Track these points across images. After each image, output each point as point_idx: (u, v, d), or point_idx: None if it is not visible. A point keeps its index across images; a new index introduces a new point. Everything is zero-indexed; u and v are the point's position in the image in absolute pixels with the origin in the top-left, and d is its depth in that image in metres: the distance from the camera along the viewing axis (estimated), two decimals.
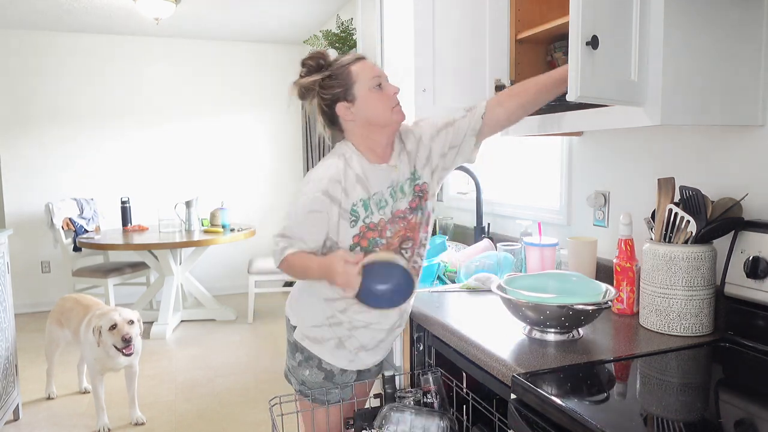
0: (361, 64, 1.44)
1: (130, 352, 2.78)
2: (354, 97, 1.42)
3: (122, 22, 4.77)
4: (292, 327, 1.59)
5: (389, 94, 1.44)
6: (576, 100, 1.17)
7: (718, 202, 1.36)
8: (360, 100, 1.42)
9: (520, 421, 1.10)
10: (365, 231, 1.43)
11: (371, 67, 1.45)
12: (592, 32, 1.16)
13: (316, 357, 1.55)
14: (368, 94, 1.42)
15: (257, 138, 5.74)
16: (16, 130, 5.03)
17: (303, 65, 1.47)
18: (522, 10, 1.75)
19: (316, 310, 1.53)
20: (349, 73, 1.42)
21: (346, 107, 1.43)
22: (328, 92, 1.44)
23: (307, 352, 1.55)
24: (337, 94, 1.43)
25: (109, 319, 2.76)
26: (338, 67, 1.44)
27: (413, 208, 1.50)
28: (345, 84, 1.42)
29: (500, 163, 2.61)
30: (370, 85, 1.42)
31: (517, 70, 1.77)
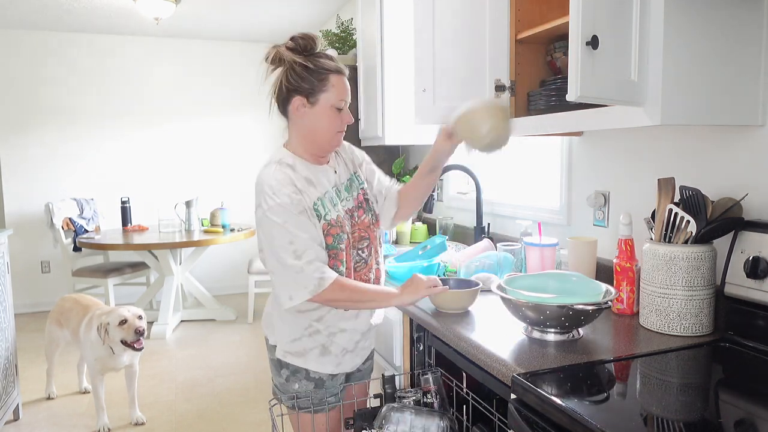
0: (340, 78, 1.44)
1: (141, 346, 2.79)
2: (316, 102, 1.43)
3: (122, 22, 4.77)
4: (272, 346, 1.56)
5: (344, 118, 1.47)
6: (576, 100, 1.17)
7: (718, 202, 1.36)
8: (318, 108, 1.43)
9: (520, 421, 1.10)
10: (328, 228, 1.44)
11: (345, 87, 1.45)
12: (592, 32, 1.15)
13: (302, 369, 1.52)
14: (328, 108, 1.43)
15: (257, 138, 5.74)
16: (16, 130, 5.03)
17: (292, 39, 1.44)
18: (522, 10, 1.75)
19: (292, 325, 1.51)
20: (326, 78, 1.41)
21: (302, 104, 1.43)
22: (296, 79, 1.42)
23: (292, 366, 1.52)
24: (303, 88, 1.42)
25: (118, 315, 2.77)
26: (320, 67, 1.42)
27: (363, 208, 1.55)
28: (315, 85, 1.41)
29: (500, 163, 2.61)
30: (335, 102, 1.43)
31: (517, 70, 1.77)
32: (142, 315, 2.85)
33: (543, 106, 1.67)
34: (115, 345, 2.78)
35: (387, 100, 2.90)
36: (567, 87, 1.19)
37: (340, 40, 3.65)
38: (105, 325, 2.76)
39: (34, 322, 4.89)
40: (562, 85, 1.60)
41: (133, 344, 2.78)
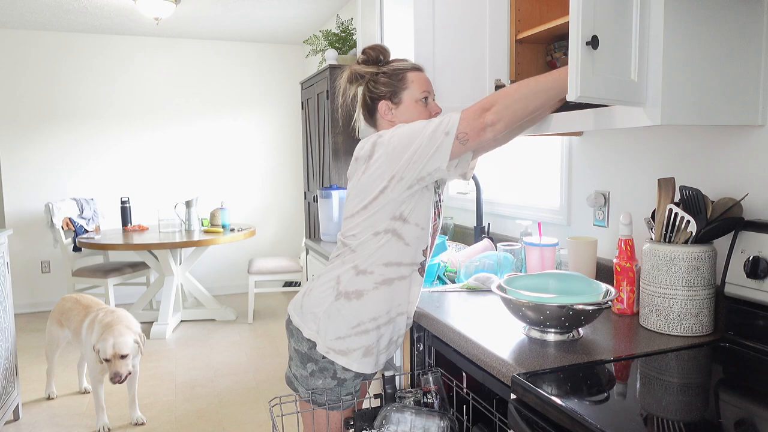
0: (418, 74, 1.50)
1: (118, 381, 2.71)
2: (400, 101, 1.49)
3: (122, 22, 4.77)
4: (306, 339, 1.51)
5: (431, 111, 1.51)
6: (576, 100, 1.17)
7: (718, 202, 1.36)
8: (403, 106, 1.49)
9: (520, 421, 1.10)
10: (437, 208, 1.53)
11: (425, 81, 1.51)
12: (592, 32, 1.16)
13: (332, 368, 1.50)
14: (413, 104, 1.49)
15: (257, 138, 5.74)
16: (15, 130, 5.03)
17: (363, 53, 1.53)
18: (522, 10, 1.75)
19: (340, 322, 1.47)
20: (404, 77, 1.48)
21: (388, 107, 1.50)
22: (377, 87, 1.50)
23: (324, 362, 1.49)
24: (385, 92, 1.49)
25: (103, 350, 2.70)
26: (395, 69, 1.49)
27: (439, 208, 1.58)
28: (396, 86, 1.48)
29: (500, 163, 2.61)
30: (418, 96, 1.49)
31: (517, 70, 1.77)
32: (126, 353, 2.70)
33: None
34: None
35: None
36: None
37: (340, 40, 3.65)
38: (97, 350, 2.74)
39: (34, 322, 4.89)
40: None
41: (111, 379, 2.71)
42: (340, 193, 2.96)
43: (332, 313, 1.47)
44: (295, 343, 1.56)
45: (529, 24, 1.74)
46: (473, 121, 1.34)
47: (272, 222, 5.87)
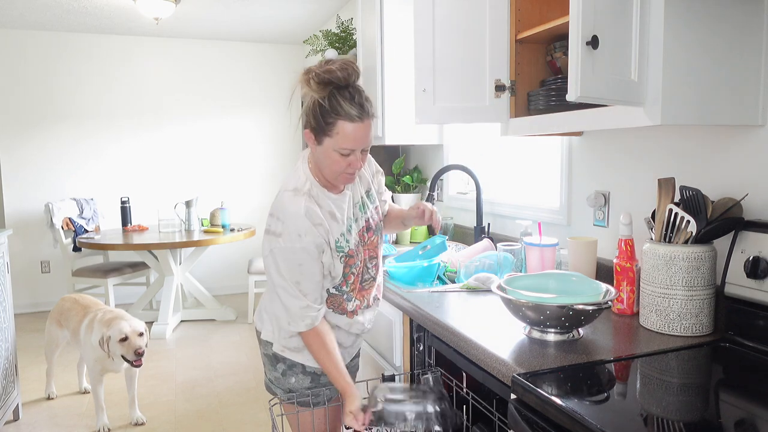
0: (352, 126, 1.36)
1: (139, 364, 2.77)
2: (321, 143, 1.39)
3: (122, 22, 4.77)
4: (267, 342, 1.58)
5: (350, 162, 1.40)
6: (576, 100, 1.17)
7: (718, 202, 1.36)
8: (322, 149, 1.40)
9: (520, 421, 1.10)
10: (347, 259, 1.49)
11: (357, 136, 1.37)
12: (592, 32, 1.16)
13: (299, 364, 1.56)
14: (331, 152, 1.39)
15: (257, 137, 5.74)
16: (15, 130, 5.03)
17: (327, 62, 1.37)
18: (522, 10, 1.75)
19: None
20: (333, 123, 1.35)
21: (311, 140, 1.42)
22: (309, 113, 1.40)
23: (289, 361, 1.56)
24: (311, 124, 1.40)
25: (119, 330, 2.73)
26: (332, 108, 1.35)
27: (372, 229, 1.58)
28: (322, 127, 1.37)
29: (500, 163, 2.61)
30: (338, 149, 1.38)
31: (517, 70, 1.77)
32: (143, 331, 2.80)
33: (543, 106, 1.67)
34: (117, 358, 2.78)
35: (387, 100, 2.90)
36: (567, 87, 1.20)
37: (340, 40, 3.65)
38: (107, 339, 2.74)
39: (34, 322, 4.88)
40: (562, 85, 1.60)
41: (132, 362, 2.76)
42: None
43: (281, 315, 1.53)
44: (263, 348, 1.62)
45: (529, 24, 1.74)
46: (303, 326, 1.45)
47: None
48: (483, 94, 1.80)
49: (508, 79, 1.78)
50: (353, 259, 1.50)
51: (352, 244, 1.49)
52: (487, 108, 1.80)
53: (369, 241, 1.56)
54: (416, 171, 3.20)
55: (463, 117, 1.81)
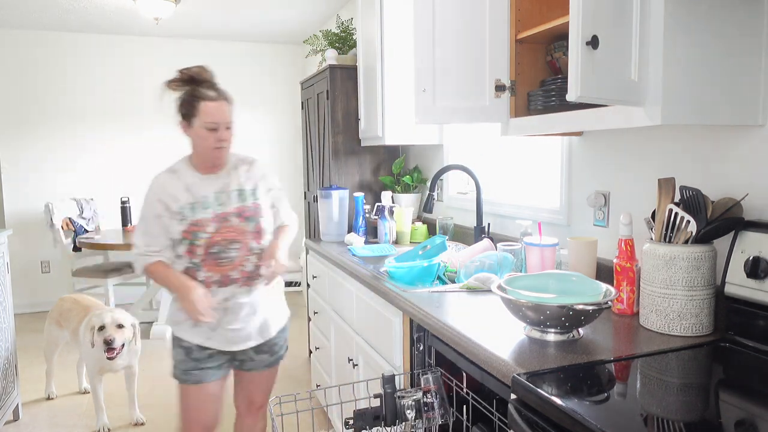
0: (212, 105, 1.75)
1: (111, 356, 2.74)
2: (192, 125, 1.77)
3: (122, 21, 4.77)
4: None
5: (219, 137, 1.78)
6: (576, 100, 1.17)
7: (718, 202, 1.36)
8: (194, 131, 1.78)
9: (520, 421, 1.10)
10: (189, 227, 1.78)
11: (218, 112, 1.76)
12: (592, 32, 1.16)
13: (176, 337, 1.85)
14: (200, 130, 1.76)
15: (257, 137, 5.74)
16: (15, 130, 5.03)
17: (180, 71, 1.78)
18: (522, 10, 1.75)
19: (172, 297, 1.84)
20: (197, 105, 1.74)
21: (185, 127, 1.80)
22: (180, 108, 1.78)
23: (173, 336, 1.85)
24: (184, 114, 1.78)
25: (100, 319, 2.75)
26: (194, 95, 1.74)
27: (244, 216, 1.84)
28: (190, 111, 1.76)
29: (500, 163, 2.61)
30: (205, 125, 1.75)
31: (517, 70, 1.77)
32: (123, 324, 2.78)
33: (543, 106, 1.67)
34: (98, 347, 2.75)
35: (387, 100, 2.89)
36: (567, 87, 1.20)
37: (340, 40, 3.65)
38: (92, 328, 2.75)
39: (34, 322, 4.88)
40: (562, 85, 1.60)
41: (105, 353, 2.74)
42: (340, 193, 2.96)
43: None
44: None
45: (529, 24, 1.74)
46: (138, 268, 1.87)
47: None
48: (483, 94, 1.80)
49: (508, 79, 1.78)
50: (195, 227, 1.78)
51: (198, 215, 1.78)
52: (487, 108, 1.80)
53: (233, 225, 1.81)
54: (416, 171, 3.20)
55: (463, 117, 1.81)
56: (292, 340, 4.24)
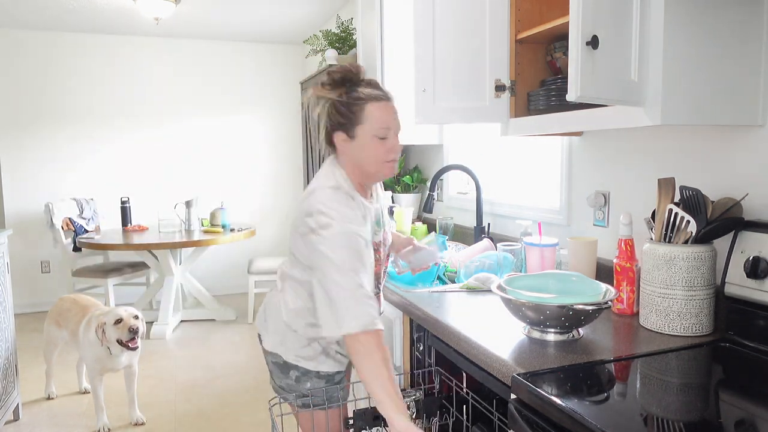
0: (380, 106, 1.38)
1: (135, 345, 2.80)
2: (355, 136, 1.39)
3: (122, 22, 4.77)
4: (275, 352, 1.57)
5: (390, 146, 1.41)
6: (576, 100, 1.17)
7: (718, 202, 1.36)
8: (358, 141, 1.39)
9: (520, 421, 1.10)
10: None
11: (386, 114, 1.39)
12: (592, 32, 1.16)
13: (313, 371, 1.55)
14: (370, 140, 1.39)
15: (257, 138, 5.74)
16: (16, 130, 5.03)
17: (328, 73, 1.42)
18: (522, 10, 1.75)
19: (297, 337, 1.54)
20: (361, 110, 1.38)
21: (344, 140, 1.41)
22: (335, 117, 1.40)
23: (302, 368, 1.55)
24: (341, 124, 1.40)
25: (114, 314, 2.79)
26: (356, 98, 1.38)
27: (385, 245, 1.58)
28: (352, 119, 1.38)
29: (500, 163, 2.61)
30: (375, 132, 1.38)
31: (517, 70, 1.77)
32: (138, 315, 2.86)
33: (543, 106, 1.67)
34: (113, 345, 2.79)
35: None
36: (567, 87, 1.20)
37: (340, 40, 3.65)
38: (102, 324, 2.76)
39: (34, 322, 4.88)
40: (562, 85, 1.60)
41: (127, 343, 2.78)
42: None
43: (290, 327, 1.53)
44: (269, 357, 1.60)
45: (529, 24, 1.74)
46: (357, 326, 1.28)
47: (272, 222, 5.87)
48: (483, 94, 1.80)
49: (508, 79, 1.78)
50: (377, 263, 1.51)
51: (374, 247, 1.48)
52: (487, 108, 1.80)
53: (383, 256, 1.56)
54: (416, 171, 3.20)
55: (463, 117, 1.81)
56: None
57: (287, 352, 1.55)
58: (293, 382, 1.57)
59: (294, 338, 1.54)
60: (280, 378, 1.59)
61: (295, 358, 1.55)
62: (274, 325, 1.57)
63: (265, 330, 1.61)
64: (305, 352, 1.54)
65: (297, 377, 1.56)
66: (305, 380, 1.56)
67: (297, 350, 1.55)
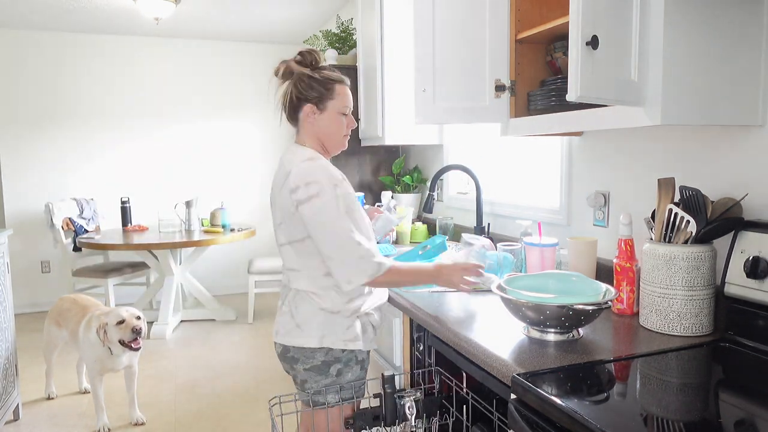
0: (344, 88, 1.60)
1: (138, 345, 2.80)
2: (324, 109, 1.58)
3: (122, 22, 4.77)
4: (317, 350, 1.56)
5: (349, 122, 1.62)
6: (576, 100, 1.17)
7: (718, 202, 1.36)
8: (327, 114, 1.58)
9: (520, 421, 1.10)
10: None
11: (349, 96, 1.62)
12: (592, 32, 1.16)
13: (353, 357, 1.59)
14: (335, 115, 1.59)
15: (257, 137, 5.74)
16: (16, 130, 5.03)
17: (300, 54, 1.61)
18: (522, 10, 1.75)
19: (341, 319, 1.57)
20: (332, 87, 1.57)
21: (312, 111, 1.58)
22: (306, 90, 1.57)
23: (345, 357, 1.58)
24: (312, 96, 1.57)
25: (116, 315, 2.79)
26: (326, 77, 1.57)
27: None
28: (324, 94, 1.57)
29: (500, 163, 2.61)
30: (341, 109, 1.59)
31: (517, 70, 1.77)
32: (140, 315, 2.86)
33: (543, 106, 1.67)
34: (114, 345, 2.79)
35: (387, 100, 2.89)
36: (567, 87, 1.20)
37: (340, 40, 3.65)
38: (104, 325, 2.76)
39: (34, 322, 4.88)
40: (562, 85, 1.60)
41: (130, 344, 2.78)
42: None
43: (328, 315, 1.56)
44: (304, 364, 1.59)
45: (529, 24, 1.74)
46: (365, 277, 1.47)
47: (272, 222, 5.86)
48: (483, 94, 1.80)
49: (508, 79, 1.78)
50: None
51: None
52: (487, 108, 1.80)
53: None
54: (416, 171, 3.20)
55: (463, 117, 1.81)
56: None
57: (335, 341, 1.56)
58: (335, 377, 1.58)
59: (338, 322, 1.56)
60: (318, 381, 1.58)
61: (343, 343, 1.56)
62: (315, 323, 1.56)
63: (300, 334, 1.57)
64: (350, 333, 1.57)
65: (339, 370, 1.58)
66: (347, 371, 1.59)
67: (342, 334, 1.57)
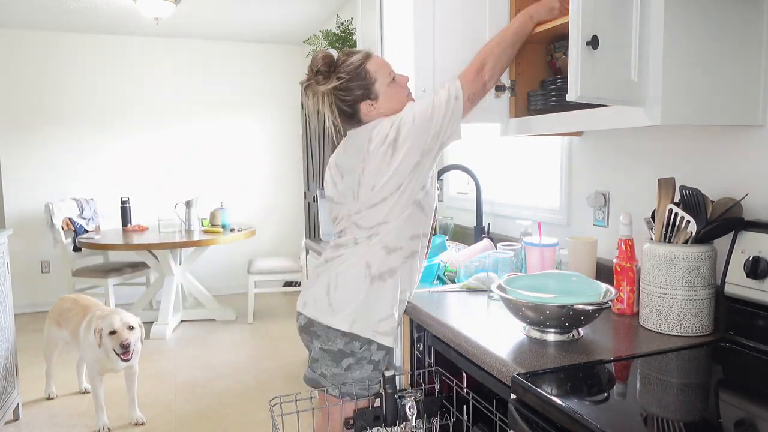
0: (374, 61, 1.53)
1: (127, 358, 2.77)
2: (377, 95, 1.53)
3: (122, 22, 4.77)
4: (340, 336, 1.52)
5: (403, 84, 1.57)
6: (576, 100, 1.17)
7: (718, 202, 1.36)
8: (382, 97, 1.53)
9: (520, 421, 1.10)
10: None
11: (383, 63, 1.55)
12: (592, 32, 1.16)
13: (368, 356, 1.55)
14: (387, 89, 1.53)
15: (257, 137, 5.74)
16: (16, 130, 5.03)
17: (318, 73, 1.52)
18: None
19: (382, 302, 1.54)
20: (367, 73, 1.51)
21: (369, 105, 1.53)
22: (349, 95, 1.51)
23: (361, 353, 1.54)
24: (359, 95, 1.51)
25: (109, 323, 2.75)
26: (353, 69, 1.50)
27: None
28: (366, 85, 1.51)
29: (500, 163, 2.61)
30: (387, 79, 1.53)
31: (517, 70, 1.77)
32: (133, 325, 2.80)
33: (543, 106, 1.67)
34: (110, 351, 2.78)
35: None
36: (567, 87, 1.20)
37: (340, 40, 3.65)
38: (100, 330, 2.76)
39: (34, 322, 4.88)
40: (562, 85, 1.60)
41: (120, 356, 2.77)
42: None
43: (371, 298, 1.53)
44: (322, 344, 1.57)
45: None
46: (474, 82, 1.53)
47: (272, 222, 5.87)
48: None
49: (508, 79, 1.78)
50: None
51: None
52: (487, 108, 1.79)
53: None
54: None
55: None
56: (293, 340, 4.24)
57: (364, 329, 1.52)
58: (342, 371, 1.55)
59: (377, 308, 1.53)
60: (327, 366, 1.56)
61: (372, 333, 1.53)
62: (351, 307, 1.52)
63: (331, 313, 1.53)
64: (384, 326, 1.54)
65: (349, 365, 1.55)
66: (356, 369, 1.55)
67: (375, 324, 1.53)
